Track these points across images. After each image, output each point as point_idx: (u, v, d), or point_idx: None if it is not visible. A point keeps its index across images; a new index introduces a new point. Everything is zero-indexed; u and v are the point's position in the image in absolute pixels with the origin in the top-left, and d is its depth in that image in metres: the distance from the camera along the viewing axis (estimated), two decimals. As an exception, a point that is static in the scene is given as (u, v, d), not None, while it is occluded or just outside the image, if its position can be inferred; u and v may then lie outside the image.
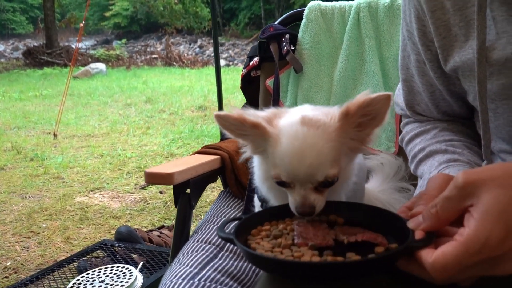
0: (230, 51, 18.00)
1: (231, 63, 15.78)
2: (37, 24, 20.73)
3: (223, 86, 4.46)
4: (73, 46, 15.69)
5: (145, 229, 2.76)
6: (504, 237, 0.59)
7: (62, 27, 19.91)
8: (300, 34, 1.77)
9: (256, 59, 1.83)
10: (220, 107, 4.33)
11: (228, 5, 20.72)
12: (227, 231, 0.75)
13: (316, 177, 0.76)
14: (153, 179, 1.35)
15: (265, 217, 0.83)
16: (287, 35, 1.75)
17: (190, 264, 1.09)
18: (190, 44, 19.70)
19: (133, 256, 2.30)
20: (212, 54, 3.92)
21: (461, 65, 0.88)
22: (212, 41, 4.20)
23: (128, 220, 3.30)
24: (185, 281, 1.01)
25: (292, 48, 1.77)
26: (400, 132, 1.19)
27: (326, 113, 0.81)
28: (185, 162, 1.45)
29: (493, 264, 0.62)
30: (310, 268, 0.66)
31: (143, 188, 3.95)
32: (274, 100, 1.75)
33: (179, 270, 1.07)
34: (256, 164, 0.93)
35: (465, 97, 0.98)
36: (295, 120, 0.79)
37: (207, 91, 9.31)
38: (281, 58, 1.75)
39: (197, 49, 18.75)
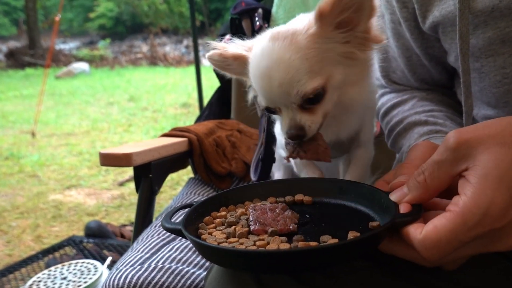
0: (216, 51, 17.78)
1: (217, 62, 15.58)
2: (19, 25, 20.34)
3: (209, 84, 4.34)
4: (56, 48, 15.39)
5: (118, 224, 2.62)
6: (508, 204, 0.48)
7: (46, 28, 19.55)
8: (274, 9, 1.66)
9: (227, 37, 1.71)
10: (201, 103, 4.22)
11: (214, 5, 20.52)
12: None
13: (292, 95, 0.66)
14: (109, 160, 1.22)
15: (221, 202, 0.71)
16: (260, 10, 1.63)
17: (142, 250, 0.97)
18: (176, 44, 19.49)
19: (104, 251, 2.16)
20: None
21: (442, 20, 0.78)
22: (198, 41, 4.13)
23: (104, 217, 3.16)
24: (132, 268, 0.88)
25: (266, 25, 1.66)
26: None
27: (303, 21, 0.71)
28: (147, 144, 1.33)
29: (494, 238, 0.51)
30: (279, 258, 0.53)
31: (121, 184, 3.81)
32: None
33: (129, 258, 0.94)
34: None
35: (445, 62, 0.89)
36: (264, 37, 0.71)
37: (191, 88, 9.13)
38: (254, 36, 1.64)
39: (183, 49, 18.55)
